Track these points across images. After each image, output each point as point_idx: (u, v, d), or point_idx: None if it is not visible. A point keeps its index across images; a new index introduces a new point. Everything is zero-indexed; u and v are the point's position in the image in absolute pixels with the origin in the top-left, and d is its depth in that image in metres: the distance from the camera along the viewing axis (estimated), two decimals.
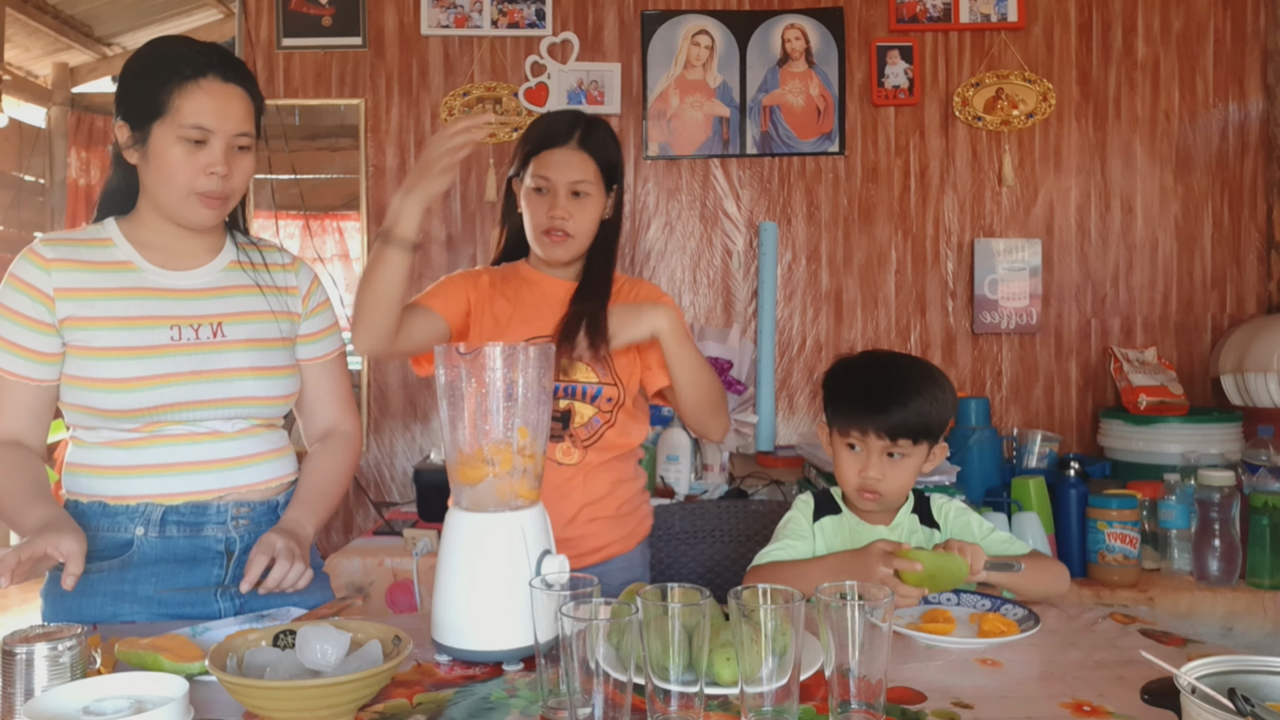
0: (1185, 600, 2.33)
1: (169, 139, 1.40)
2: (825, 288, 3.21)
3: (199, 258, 1.52)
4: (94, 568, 1.41)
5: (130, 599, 1.44)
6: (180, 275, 1.49)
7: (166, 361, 1.42)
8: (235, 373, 1.47)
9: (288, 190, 3.24)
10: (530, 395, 1.23)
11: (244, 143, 1.45)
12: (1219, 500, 2.35)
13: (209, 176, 1.41)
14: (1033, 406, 3.19)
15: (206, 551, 1.47)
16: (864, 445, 1.55)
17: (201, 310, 1.48)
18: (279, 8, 3.14)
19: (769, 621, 0.97)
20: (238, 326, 1.50)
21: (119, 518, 1.43)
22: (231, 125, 1.42)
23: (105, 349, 1.41)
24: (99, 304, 1.42)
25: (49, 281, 1.41)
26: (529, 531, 1.22)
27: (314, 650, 1.06)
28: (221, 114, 1.41)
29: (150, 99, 1.40)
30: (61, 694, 0.99)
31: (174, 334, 1.44)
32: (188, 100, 1.39)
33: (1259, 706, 0.86)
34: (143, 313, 1.44)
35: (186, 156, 1.40)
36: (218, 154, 1.41)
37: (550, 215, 1.68)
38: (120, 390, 1.40)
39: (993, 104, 3.13)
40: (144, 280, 1.46)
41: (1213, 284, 3.20)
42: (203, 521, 1.46)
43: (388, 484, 3.22)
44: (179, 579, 1.45)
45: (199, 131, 1.40)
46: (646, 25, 3.15)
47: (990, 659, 1.24)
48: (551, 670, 1.06)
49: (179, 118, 1.39)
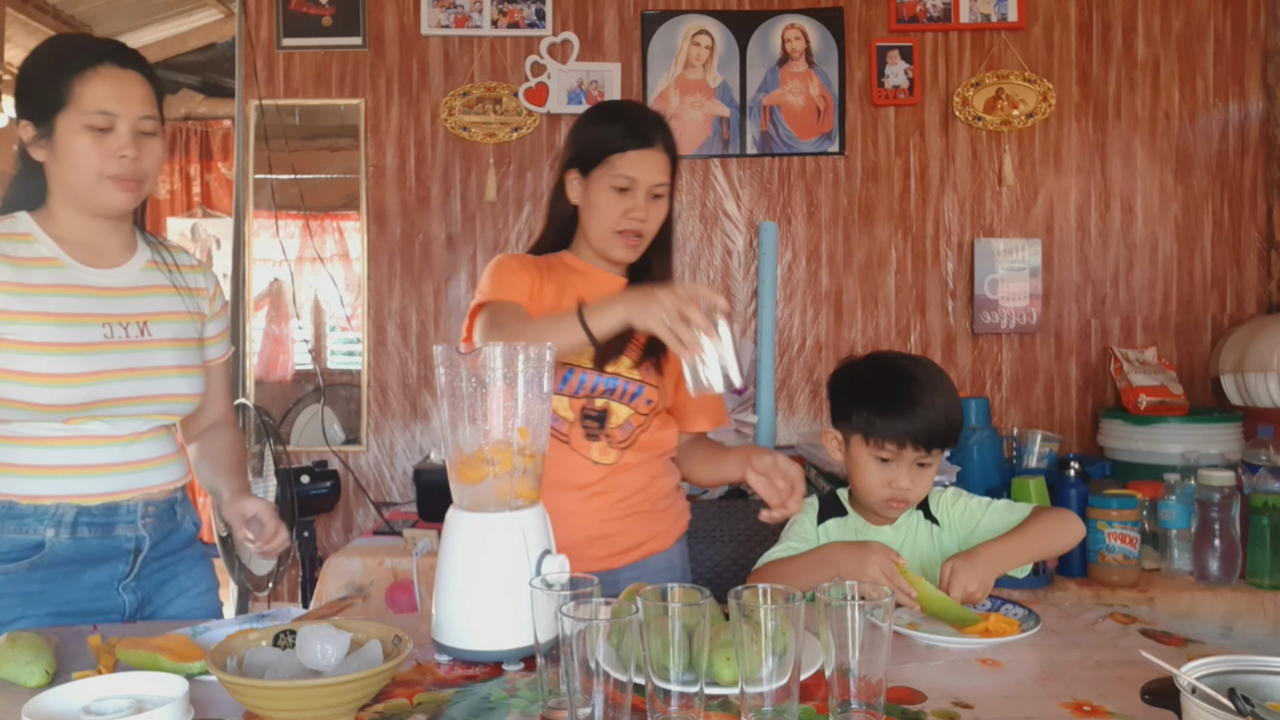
0: (1185, 600, 2.33)
1: (74, 128, 1.41)
2: (825, 288, 3.21)
3: (118, 256, 1.52)
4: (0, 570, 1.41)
5: (38, 600, 1.43)
6: (105, 273, 1.49)
7: (100, 358, 1.43)
8: (162, 370, 1.50)
9: (288, 190, 3.24)
10: (530, 395, 1.23)
11: (149, 127, 1.45)
12: (1219, 500, 2.35)
13: (119, 160, 1.42)
14: (1033, 406, 3.19)
15: (117, 550, 1.48)
16: (898, 458, 1.54)
17: (129, 309, 1.49)
18: (279, 8, 3.14)
19: (769, 621, 0.97)
20: (161, 325, 1.52)
21: (27, 519, 1.42)
22: (134, 109, 1.43)
23: (39, 344, 1.39)
24: (31, 299, 1.40)
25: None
26: (529, 531, 1.22)
27: (314, 650, 1.06)
28: (123, 98, 1.42)
29: (50, 91, 1.41)
30: (61, 694, 0.99)
31: (106, 331, 1.45)
32: (88, 88, 1.40)
33: (1259, 706, 0.86)
34: (75, 310, 1.43)
35: (94, 144, 1.41)
36: (124, 137, 1.42)
37: (630, 216, 1.62)
38: (53, 385, 1.39)
39: (993, 104, 3.13)
40: (72, 277, 1.45)
41: (1213, 284, 3.20)
42: (114, 521, 1.47)
43: (388, 484, 3.22)
44: (86, 578, 1.46)
45: (103, 118, 1.41)
46: (646, 25, 3.15)
47: (990, 659, 1.24)
48: (551, 670, 1.06)
49: (81, 105, 1.40)
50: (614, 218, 1.63)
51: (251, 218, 3.24)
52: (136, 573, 1.50)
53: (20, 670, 1.12)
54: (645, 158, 1.62)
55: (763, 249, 3.08)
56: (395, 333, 3.21)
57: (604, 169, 1.63)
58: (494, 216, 3.19)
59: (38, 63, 1.44)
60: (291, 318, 3.25)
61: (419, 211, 3.19)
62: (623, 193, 1.62)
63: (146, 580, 1.52)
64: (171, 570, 1.57)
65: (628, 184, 1.62)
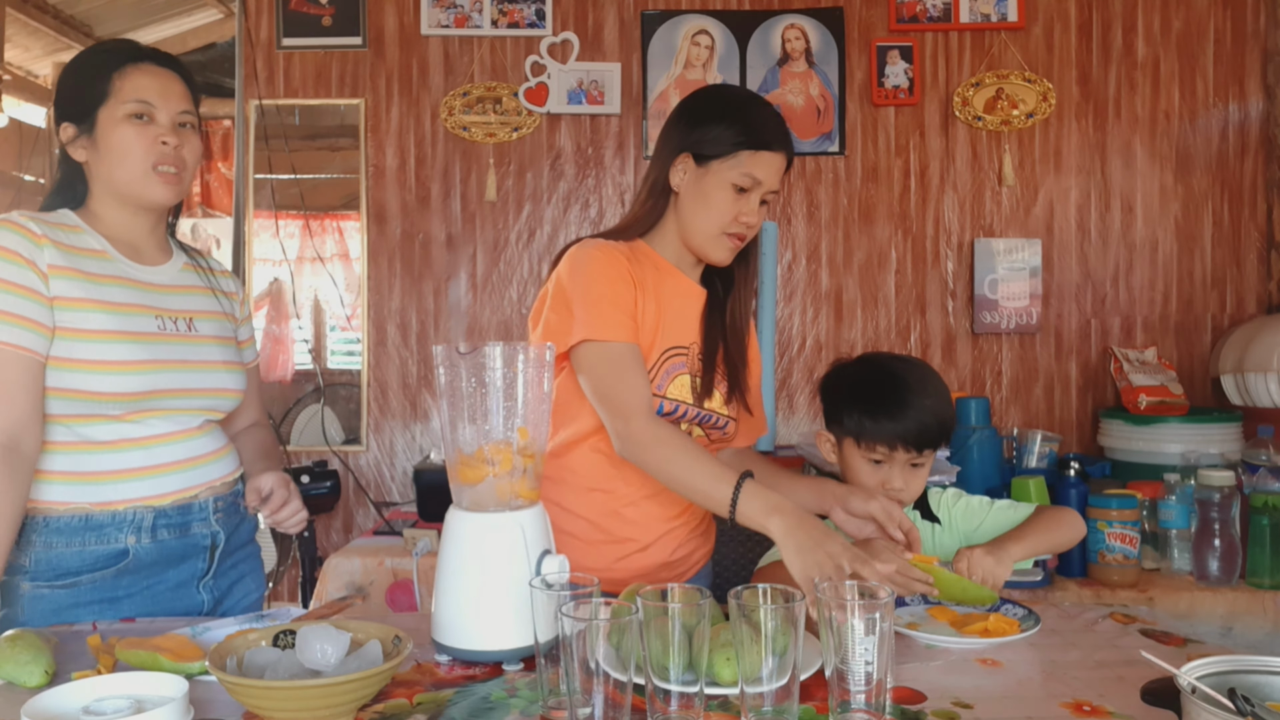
0: (1185, 600, 2.33)
1: (116, 119, 1.43)
2: (825, 288, 3.20)
3: (157, 255, 1.55)
4: (84, 579, 1.42)
5: (126, 603, 1.45)
6: (149, 270, 1.51)
7: (155, 348, 1.44)
8: (210, 365, 1.52)
9: (288, 190, 3.24)
10: (530, 395, 1.23)
11: (188, 119, 1.48)
12: (1219, 500, 2.35)
13: (161, 146, 1.44)
14: (1033, 406, 3.19)
15: (195, 549, 1.51)
16: (890, 459, 1.54)
17: (175, 304, 1.52)
18: (279, 8, 3.14)
19: (769, 621, 0.97)
20: (205, 322, 1.55)
21: (106, 529, 1.42)
22: (173, 104, 1.46)
23: (96, 331, 1.40)
24: (89, 286, 1.41)
25: (42, 257, 1.38)
26: (529, 531, 1.22)
27: (314, 650, 1.06)
28: (162, 92, 1.45)
29: (91, 88, 1.44)
30: (61, 693, 0.99)
31: (159, 324, 1.47)
32: (128, 80, 1.44)
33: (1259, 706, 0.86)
34: (129, 300, 1.45)
35: (137, 133, 1.44)
36: (166, 126, 1.45)
37: (744, 220, 1.52)
38: (112, 372, 1.39)
39: (993, 104, 3.13)
40: (121, 269, 1.47)
41: (1213, 284, 3.20)
42: (189, 520, 1.49)
43: (388, 484, 3.22)
44: (169, 578, 1.49)
45: (143, 105, 1.43)
46: (646, 25, 3.15)
47: (990, 659, 1.24)
48: (551, 670, 1.06)
49: (122, 96, 1.43)
50: (727, 218, 1.52)
51: (251, 218, 3.24)
52: (214, 570, 1.54)
53: (20, 670, 1.12)
54: (775, 161, 1.52)
55: (763, 249, 3.08)
56: (395, 333, 3.21)
57: (729, 163, 1.50)
58: (494, 216, 3.19)
59: (77, 66, 1.48)
60: (291, 318, 3.25)
61: (419, 211, 3.19)
62: (742, 193, 1.51)
63: (222, 578, 1.56)
64: (240, 570, 1.61)
65: (750, 184, 1.50)
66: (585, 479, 1.58)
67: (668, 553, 1.62)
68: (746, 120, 1.51)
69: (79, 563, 1.42)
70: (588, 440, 1.57)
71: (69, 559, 1.41)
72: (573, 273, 1.50)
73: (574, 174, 3.19)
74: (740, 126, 1.50)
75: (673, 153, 1.54)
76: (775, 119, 1.53)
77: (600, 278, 1.48)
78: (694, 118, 1.54)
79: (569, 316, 1.47)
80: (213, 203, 5.74)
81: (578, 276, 1.49)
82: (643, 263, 1.56)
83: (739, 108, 1.53)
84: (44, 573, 1.41)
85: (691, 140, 1.52)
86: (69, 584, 1.42)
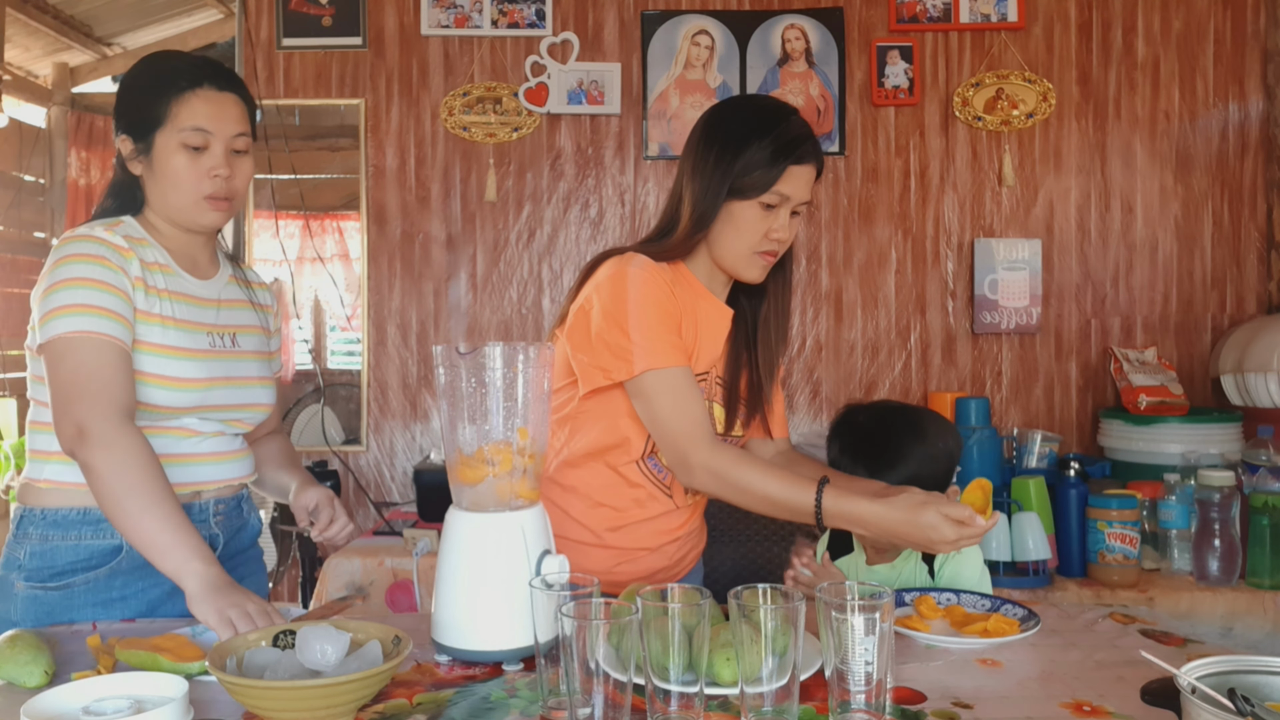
0: (1185, 600, 2.33)
1: (171, 146, 1.45)
2: (825, 288, 3.20)
3: (209, 268, 1.58)
4: (78, 580, 1.43)
5: (119, 606, 1.45)
6: (203, 284, 1.55)
7: (208, 365, 1.49)
8: (250, 381, 1.56)
9: (288, 190, 3.24)
10: (531, 395, 1.23)
11: (241, 145, 1.50)
12: (1219, 500, 2.35)
13: (213, 179, 1.47)
14: (1033, 406, 3.19)
15: None
16: None
17: (223, 320, 1.55)
18: (279, 8, 3.14)
19: (769, 622, 0.97)
20: (247, 338, 1.59)
21: (103, 522, 1.42)
22: (228, 128, 1.48)
23: (159, 346, 1.44)
24: (155, 301, 1.45)
25: (131, 268, 1.43)
26: (529, 531, 1.22)
27: (314, 650, 1.06)
28: (218, 118, 1.47)
29: (150, 110, 1.46)
30: (61, 694, 0.99)
31: (210, 340, 1.51)
32: (185, 107, 1.45)
33: (1259, 706, 0.86)
34: (186, 316, 1.49)
35: (190, 163, 1.46)
36: (219, 157, 1.47)
37: (774, 237, 1.47)
38: (172, 388, 1.44)
39: (993, 104, 3.13)
40: (181, 285, 1.51)
41: (1213, 284, 3.20)
42: None
43: (388, 484, 3.22)
44: (164, 580, 1.44)
45: (199, 135, 1.45)
46: (646, 25, 3.15)
47: (990, 659, 1.24)
48: (551, 670, 1.06)
49: (178, 123, 1.45)
50: (757, 237, 1.47)
51: (251, 218, 3.24)
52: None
53: (20, 671, 1.12)
54: (803, 173, 1.47)
55: None
56: (395, 333, 3.21)
57: (770, 182, 1.46)
58: (494, 216, 3.19)
59: (139, 80, 1.50)
60: (291, 318, 3.25)
61: (419, 211, 3.19)
62: (770, 209, 1.47)
63: None
64: (239, 573, 1.58)
65: (778, 201, 1.46)
66: (596, 492, 1.57)
67: (666, 559, 1.62)
68: (776, 137, 1.45)
69: (73, 558, 1.42)
70: (604, 455, 1.55)
71: (64, 553, 1.42)
72: (624, 296, 1.44)
73: (574, 174, 3.19)
74: (771, 145, 1.45)
75: (717, 193, 1.47)
76: (799, 131, 1.48)
77: (653, 303, 1.44)
78: (719, 137, 1.49)
79: (624, 341, 1.43)
80: None
81: (631, 301, 1.44)
82: (682, 286, 1.52)
83: (763, 125, 1.47)
84: (39, 571, 1.42)
85: (735, 187, 1.46)
86: (63, 585, 1.42)
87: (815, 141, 1.51)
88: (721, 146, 1.48)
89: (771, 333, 1.62)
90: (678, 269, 1.53)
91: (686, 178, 1.52)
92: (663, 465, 1.55)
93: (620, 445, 1.53)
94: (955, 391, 3.10)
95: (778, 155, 1.45)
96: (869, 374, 3.20)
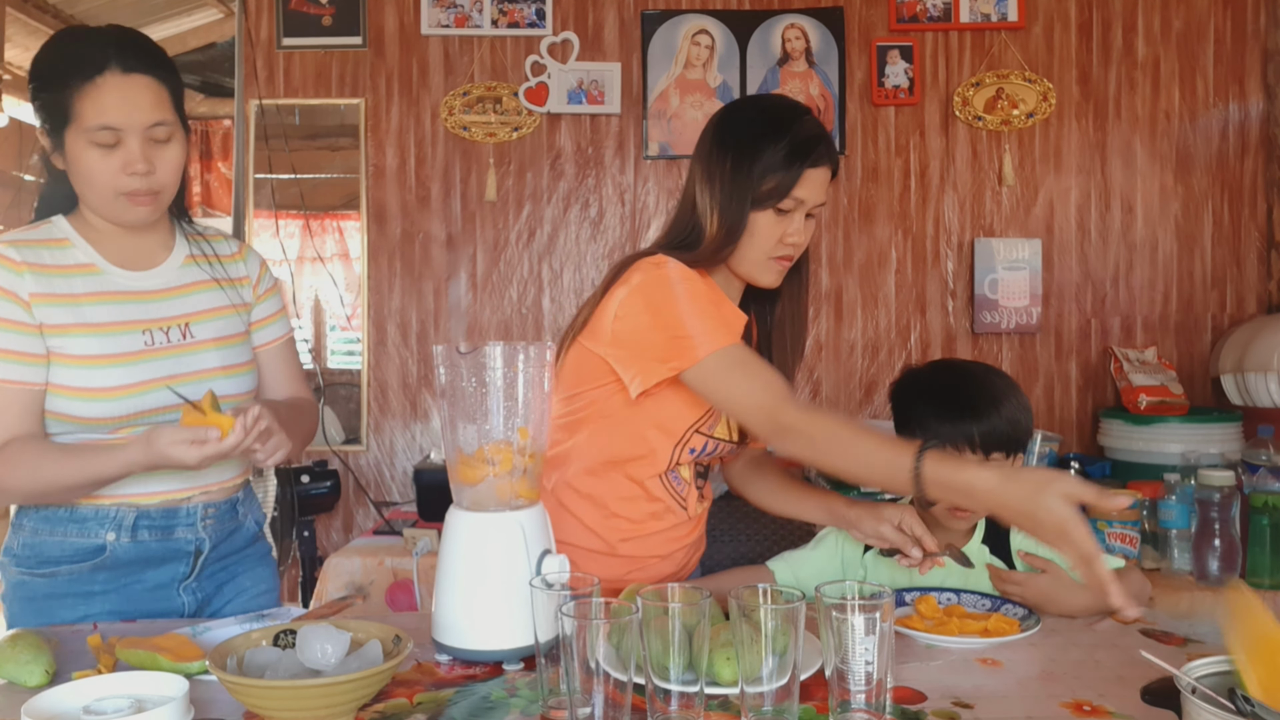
0: (1185, 600, 2.33)
1: (80, 145, 1.34)
2: (825, 288, 3.20)
3: (155, 255, 1.48)
4: (62, 570, 1.42)
5: (99, 600, 1.44)
6: (142, 275, 1.46)
7: (141, 368, 1.40)
8: (206, 373, 1.45)
9: (288, 190, 3.24)
10: (531, 395, 1.23)
11: (161, 134, 1.37)
12: (1219, 500, 2.35)
13: (130, 176, 1.36)
14: (1033, 406, 3.17)
15: (177, 553, 1.48)
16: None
17: (168, 312, 1.45)
18: (279, 7, 3.14)
19: (769, 621, 0.97)
20: (204, 325, 1.48)
21: (89, 522, 1.42)
22: (141, 117, 1.34)
23: (81, 357, 1.37)
24: (71, 309, 1.38)
25: (23, 285, 1.36)
26: (529, 531, 1.22)
27: (314, 650, 1.06)
28: (127, 109, 1.33)
29: (55, 106, 1.35)
30: (61, 693, 0.99)
31: (146, 339, 1.41)
32: (89, 102, 1.32)
33: (1259, 706, 0.86)
34: (114, 318, 1.40)
35: (102, 159, 1.34)
36: (134, 151, 1.34)
37: (789, 242, 1.45)
38: (98, 399, 1.37)
39: (993, 104, 3.13)
40: (110, 283, 1.42)
41: (1213, 284, 3.20)
42: (173, 524, 1.46)
43: (388, 484, 3.22)
44: (147, 579, 1.46)
45: (108, 134, 1.33)
46: (646, 25, 3.14)
47: (990, 659, 1.24)
48: (552, 670, 1.06)
49: (83, 122, 1.33)
50: (772, 242, 1.45)
51: (251, 217, 3.24)
52: (197, 574, 1.50)
53: (20, 670, 1.12)
54: (818, 176, 1.44)
55: None
56: (395, 332, 3.20)
57: (787, 185, 1.43)
58: (494, 216, 3.19)
59: (42, 70, 1.38)
60: (291, 317, 3.25)
61: (419, 211, 3.19)
62: (784, 214, 1.44)
63: (207, 581, 1.52)
64: (232, 570, 1.56)
65: (793, 206, 1.44)
66: (614, 503, 1.54)
67: (674, 565, 1.62)
68: (791, 139, 1.42)
69: (59, 553, 1.42)
70: (626, 466, 1.52)
71: (50, 548, 1.42)
72: (670, 292, 1.41)
73: (574, 174, 3.19)
74: (785, 149, 1.41)
75: (742, 204, 1.43)
76: (814, 133, 1.44)
77: (700, 293, 1.42)
78: (730, 141, 1.46)
79: (681, 331, 1.39)
80: (213, 203, 5.74)
81: (679, 295, 1.41)
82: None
83: (777, 128, 1.43)
84: (27, 559, 1.43)
85: (757, 198, 1.43)
86: (48, 574, 1.43)
87: (830, 141, 1.47)
88: (736, 153, 1.44)
89: (787, 337, 1.60)
90: (704, 278, 1.50)
91: (701, 184, 1.48)
92: (683, 479, 1.55)
93: (646, 457, 1.51)
94: None
95: (792, 159, 1.41)
96: (869, 374, 3.20)
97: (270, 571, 1.64)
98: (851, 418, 1.38)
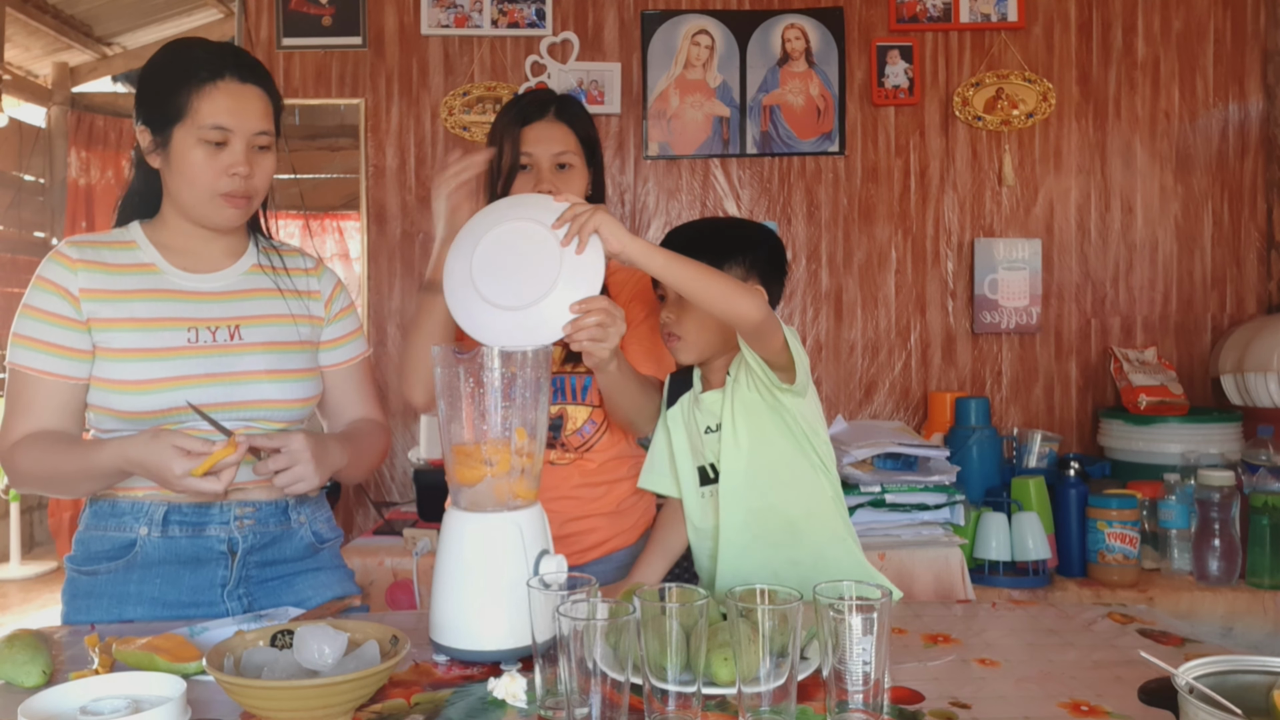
0: (1185, 600, 2.33)
1: (189, 141, 1.41)
2: (825, 288, 3.20)
3: (221, 261, 1.53)
4: (101, 569, 1.44)
5: (136, 600, 1.44)
6: (201, 278, 1.50)
7: (182, 364, 1.42)
8: (251, 375, 1.46)
9: (288, 190, 3.24)
10: (528, 395, 1.23)
11: (264, 142, 1.46)
12: (1219, 500, 2.35)
13: (231, 177, 1.42)
14: (1033, 406, 3.19)
15: (209, 552, 1.45)
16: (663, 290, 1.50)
17: (219, 313, 1.48)
18: (279, 8, 3.14)
19: (766, 621, 0.97)
20: (255, 329, 1.50)
21: (125, 516, 1.43)
22: (250, 124, 1.43)
23: (124, 350, 1.41)
24: (120, 305, 1.42)
25: (75, 281, 1.41)
26: (527, 531, 1.22)
27: (311, 650, 1.06)
28: (240, 114, 1.42)
29: (169, 103, 1.41)
30: (59, 694, 0.99)
31: (190, 336, 1.44)
32: (206, 102, 1.40)
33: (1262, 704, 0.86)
34: (161, 314, 1.44)
35: (208, 158, 1.41)
36: (239, 154, 1.42)
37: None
38: (137, 392, 1.40)
39: (993, 104, 3.13)
40: (164, 282, 1.46)
41: (1213, 284, 3.20)
42: (205, 521, 1.45)
43: (388, 484, 3.22)
44: (184, 580, 1.45)
45: (219, 132, 1.40)
46: (646, 25, 3.15)
47: (989, 659, 1.24)
48: (549, 670, 1.06)
49: (198, 119, 1.40)
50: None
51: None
52: (239, 579, 1.47)
53: (17, 670, 1.12)
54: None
55: None
56: (395, 333, 3.20)
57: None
58: None
59: (158, 71, 1.44)
60: None
61: (419, 211, 3.19)
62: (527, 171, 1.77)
63: (257, 588, 1.49)
64: (289, 581, 1.52)
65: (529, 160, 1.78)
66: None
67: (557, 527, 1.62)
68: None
69: (100, 548, 1.44)
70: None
71: (95, 542, 1.45)
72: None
73: None
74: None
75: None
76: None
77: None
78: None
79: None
80: None
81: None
82: None
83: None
84: (78, 556, 1.47)
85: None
86: (90, 571, 1.45)
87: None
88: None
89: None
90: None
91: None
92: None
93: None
94: (955, 391, 3.10)
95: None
96: (869, 374, 3.20)
97: (338, 578, 1.58)
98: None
